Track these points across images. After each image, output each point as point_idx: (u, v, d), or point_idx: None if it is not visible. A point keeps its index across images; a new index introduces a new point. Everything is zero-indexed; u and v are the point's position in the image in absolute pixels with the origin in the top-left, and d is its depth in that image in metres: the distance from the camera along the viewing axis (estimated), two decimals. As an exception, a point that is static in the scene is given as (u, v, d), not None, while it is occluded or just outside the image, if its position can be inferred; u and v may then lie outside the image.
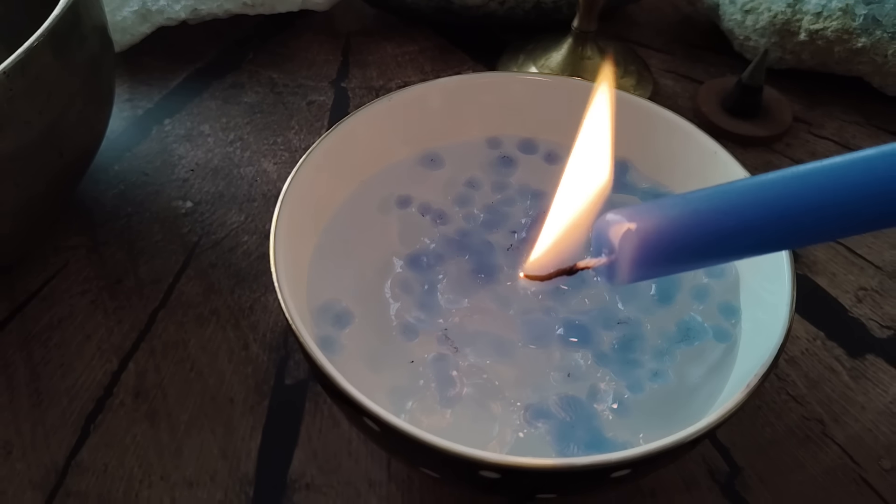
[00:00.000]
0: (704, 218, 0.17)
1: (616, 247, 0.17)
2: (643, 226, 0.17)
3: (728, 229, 0.17)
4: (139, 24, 0.38)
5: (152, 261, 0.30)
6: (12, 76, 0.22)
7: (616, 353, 0.22)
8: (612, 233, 0.17)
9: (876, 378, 0.27)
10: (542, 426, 0.20)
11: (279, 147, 0.35)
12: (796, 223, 0.17)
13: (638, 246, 0.17)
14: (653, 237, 0.17)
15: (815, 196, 0.16)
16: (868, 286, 0.30)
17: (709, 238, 0.17)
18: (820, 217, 0.16)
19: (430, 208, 0.26)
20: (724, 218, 0.17)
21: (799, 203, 0.16)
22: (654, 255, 0.17)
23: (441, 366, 0.21)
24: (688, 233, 0.17)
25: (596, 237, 0.18)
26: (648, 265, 0.17)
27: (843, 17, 0.35)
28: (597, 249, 0.18)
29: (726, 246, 0.17)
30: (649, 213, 0.17)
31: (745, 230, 0.17)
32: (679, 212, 0.17)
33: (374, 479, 0.24)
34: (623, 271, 0.17)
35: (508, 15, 0.40)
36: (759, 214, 0.17)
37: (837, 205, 0.16)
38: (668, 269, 0.18)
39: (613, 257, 0.17)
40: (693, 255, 0.18)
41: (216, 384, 0.26)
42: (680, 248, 0.17)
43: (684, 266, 0.19)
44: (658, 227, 0.17)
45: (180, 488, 0.23)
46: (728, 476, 0.24)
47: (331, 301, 0.23)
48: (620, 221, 0.17)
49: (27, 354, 0.27)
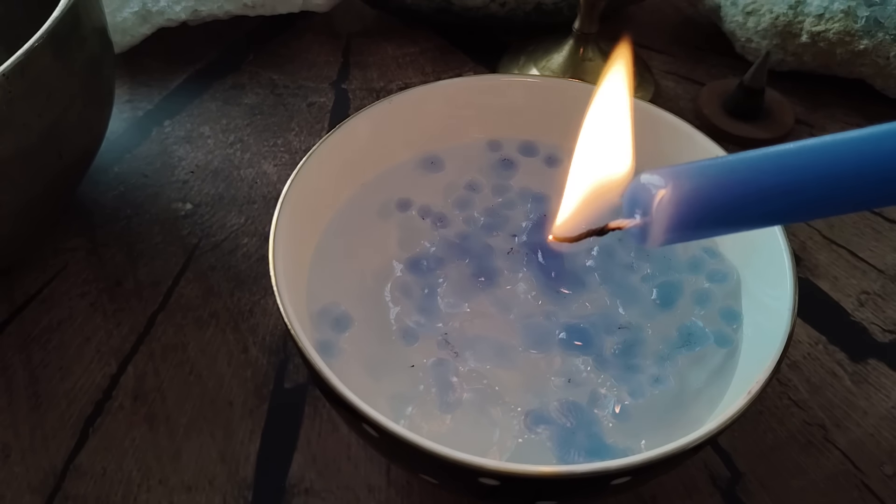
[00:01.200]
0: (741, 180, 0.16)
1: (651, 209, 0.17)
2: (679, 188, 0.16)
3: (765, 192, 0.16)
4: (139, 26, 0.38)
5: (152, 263, 0.30)
6: (12, 78, 0.22)
7: (617, 358, 0.22)
8: (646, 194, 0.17)
9: (878, 383, 0.27)
10: (543, 432, 0.20)
11: (279, 149, 0.35)
12: (833, 187, 0.16)
13: (673, 209, 0.16)
14: (688, 200, 0.16)
15: (853, 162, 0.16)
16: (870, 290, 0.30)
17: (745, 202, 0.17)
18: (857, 183, 0.16)
19: (431, 211, 0.26)
20: (763, 178, 0.16)
21: (835, 168, 0.16)
22: (688, 219, 0.17)
23: (441, 371, 0.21)
24: (723, 196, 0.16)
25: (629, 198, 0.17)
26: (682, 228, 0.17)
27: (845, 19, 0.35)
28: (629, 210, 0.17)
29: (762, 210, 0.17)
30: (685, 174, 0.17)
31: (783, 193, 0.16)
32: (715, 173, 0.17)
33: (373, 484, 0.24)
34: (656, 234, 0.17)
35: (509, 16, 0.40)
36: (796, 177, 0.16)
37: (876, 171, 0.15)
38: (701, 232, 0.18)
39: (647, 219, 0.17)
40: (728, 218, 0.17)
41: (215, 387, 0.26)
42: (715, 212, 0.17)
43: (717, 230, 0.19)
44: (693, 190, 0.16)
45: (179, 492, 0.23)
46: (729, 482, 0.24)
47: (330, 305, 0.23)
48: (655, 183, 0.17)
49: (26, 357, 0.27)
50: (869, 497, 0.24)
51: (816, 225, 0.32)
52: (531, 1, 0.39)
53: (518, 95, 0.28)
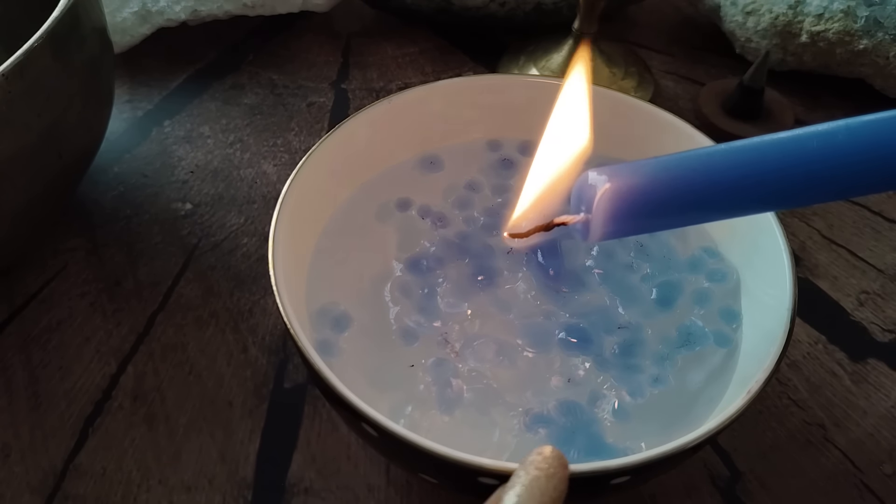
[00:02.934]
0: (673, 177, 0.17)
1: (591, 203, 0.17)
2: (617, 183, 0.17)
3: (699, 186, 0.17)
4: (139, 26, 0.38)
5: (151, 263, 0.30)
6: (11, 78, 0.22)
7: (617, 357, 0.22)
8: (587, 190, 0.18)
9: (878, 382, 0.27)
10: (543, 432, 0.20)
11: (279, 149, 0.35)
12: (762, 187, 0.17)
13: (611, 202, 0.17)
14: (626, 194, 0.17)
15: (781, 161, 0.17)
16: (870, 290, 0.30)
17: (681, 194, 0.18)
18: (782, 183, 0.17)
19: (430, 211, 0.26)
20: (692, 176, 0.17)
21: (763, 168, 0.17)
22: (626, 212, 0.18)
23: (441, 370, 0.21)
24: (657, 191, 0.17)
25: (575, 195, 0.18)
26: (621, 221, 0.18)
27: (845, 19, 0.35)
28: (575, 207, 0.18)
29: (698, 203, 0.18)
30: (625, 171, 0.18)
31: (716, 188, 0.17)
32: (651, 171, 0.18)
33: (372, 483, 0.24)
34: (596, 227, 0.18)
35: (509, 16, 0.40)
36: (729, 174, 0.17)
37: (804, 172, 0.17)
38: (639, 227, 0.19)
39: (589, 216, 0.18)
40: (663, 213, 0.18)
41: (215, 387, 0.26)
42: (650, 208, 0.18)
43: (657, 223, 0.19)
44: (632, 184, 0.17)
45: (178, 492, 0.23)
46: (729, 481, 0.24)
47: (330, 304, 0.23)
48: (596, 179, 0.18)
49: (26, 357, 0.27)
50: (869, 497, 0.24)
51: (816, 225, 0.32)
52: (531, 1, 0.39)
53: (518, 95, 0.28)
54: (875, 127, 0.16)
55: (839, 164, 0.16)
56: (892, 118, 0.16)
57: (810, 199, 0.18)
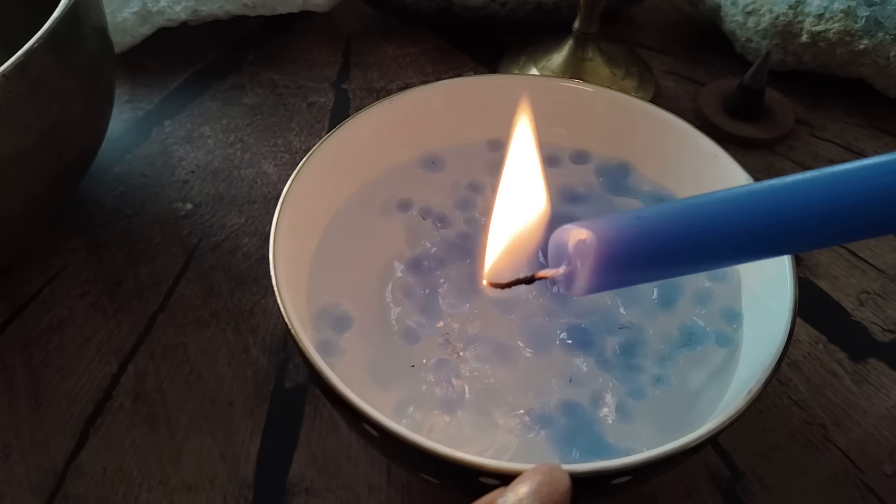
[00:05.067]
0: (657, 225, 0.17)
1: (574, 257, 0.17)
2: (600, 236, 0.17)
3: (681, 240, 0.17)
4: (139, 26, 0.38)
5: (152, 263, 0.30)
6: (12, 78, 0.22)
7: (618, 358, 0.22)
8: (569, 243, 0.18)
9: (878, 382, 0.27)
10: (544, 432, 0.20)
11: (279, 149, 0.35)
12: (742, 237, 0.17)
13: (595, 255, 0.17)
14: (610, 247, 0.17)
15: (760, 215, 0.17)
16: (870, 290, 0.30)
17: (664, 247, 0.18)
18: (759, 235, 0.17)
19: (432, 211, 0.26)
20: (676, 228, 0.17)
21: (743, 220, 0.17)
22: (610, 265, 0.17)
23: (442, 371, 0.21)
24: (644, 242, 0.17)
25: (554, 248, 0.18)
26: (606, 274, 0.18)
27: (845, 19, 0.35)
28: (555, 260, 0.18)
29: (681, 255, 0.18)
30: (605, 224, 0.18)
31: (695, 243, 0.17)
32: (633, 222, 0.18)
33: (373, 483, 0.24)
34: (581, 281, 0.18)
35: (509, 16, 0.40)
36: (707, 228, 0.17)
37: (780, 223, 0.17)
38: (626, 278, 0.19)
39: (571, 268, 0.18)
40: (650, 264, 0.18)
41: (216, 387, 0.26)
42: (636, 258, 0.18)
43: (642, 276, 0.19)
44: (614, 237, 0.17)
45: (179, 492, 0.23)
46: (730, 481, 0.24)
47: (331, 305, 0.23)
48: (577, 232, 0.17)
49: (26, 357, 0.27)
50: (869, 496, 0.24)
51: (816, 225, 0.32)
52: (531, 1, 0.39)
53: (518, 95, 0.28)
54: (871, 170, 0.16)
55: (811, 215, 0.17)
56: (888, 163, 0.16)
57: (799, 246, 0.18)
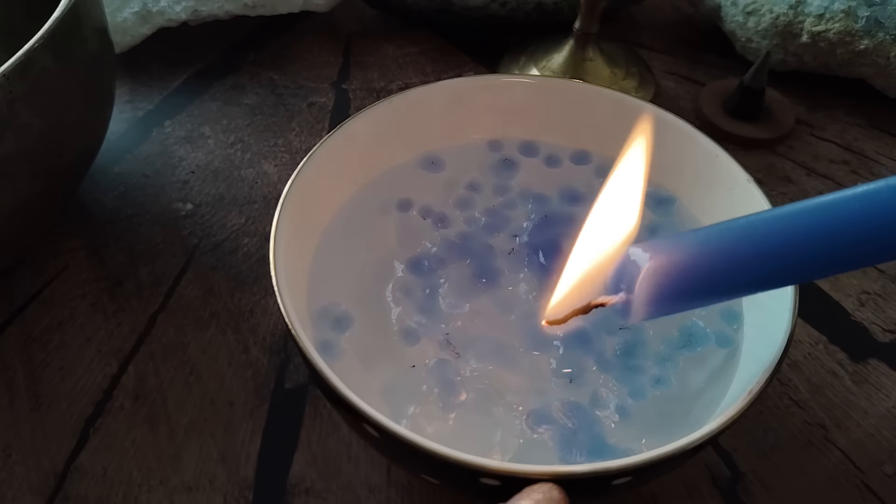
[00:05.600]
0: (718, 246, 0.17)
1: (632, 285, 0.17)
2: (659, 261, 0.17)
3: (740, 263, 0.17)
4: (140, 26, 0.38)
5: (152, 263, 0.30)
6: (12, 78, 0.22)
7: (618, 358, 0.22)
8: (629, 268, 0.17)
9: (878, 383, 0.27)
10: (545, 432, 0.20)
11: (280, 149, 0.35)
12: (806, 256, 0.17)
13: (653, 285, 0.17)
14: (668, 276, 0.17)
15: (822, 229, 0.16)
16: (871, 290, 0.30)
17: (723, 273, 0.17)
18: (829, 249, 0.16)
19: (431, 211, 0.26)
20: (738, 246, 0.17)
21: (806, 236, 0.16)
22: (668, 294, 0.17)
23: (443, 371, 0.21)
24: (702, 269, 0.17)
25: (616, 274, 0.18)
26: (663, 303, 0.17)
27: (846, 19, 0.35)
28: (614, 285, 0.18)
29: (740, 280, 0.17)
30: (666, 246, 0.17)
31: (758, 263, 0.17)
32: (693, 247, 0.17)
33: (373, 484, 0.24)
34: (638, 310, 0.17)
35: (510, 16, 0.40)
36: (771, 247, 0.17)
37: (847, 237, 0.16)
38: (683, 306, 0.19)
39: (630, 296, 0.17)
40: (707, 291, 0.18)
41: (216, 388, 0.26)
42: (694, 286, 0.17)
43: (698, 302, 0.19)
44: (672, 266, 0.17)
45: (179, 493, 0.23)
46: (730, 482, 0.24)
47: (331, 305, 0.23)
48: (638, 256, 0.17)
49: (26, 357, 0.27)
50: (869, 497, 0.24)
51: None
52: (532, 1, 0.39)
53: (518, 95, 0.28)
54: None
55: (884, 224, 0.15)
56: None
57: (858, 262, 0.17)
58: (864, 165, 0.35)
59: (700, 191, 0.25)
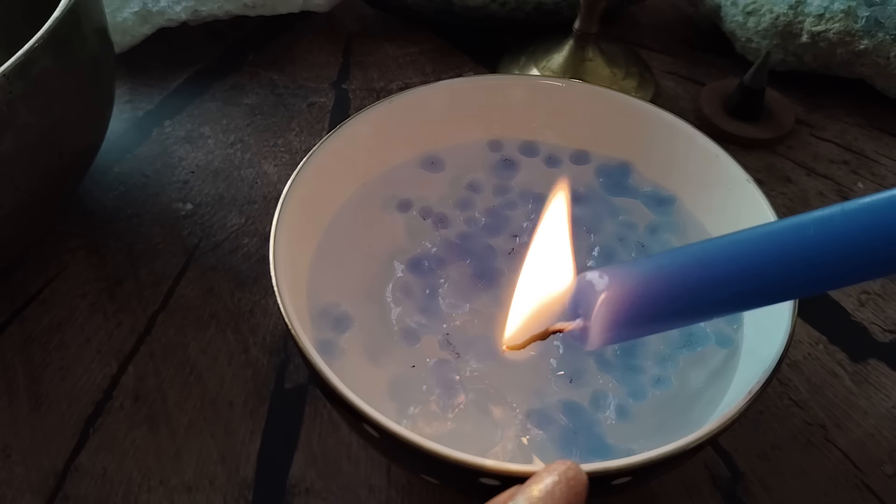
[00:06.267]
0: (673, 271, 0.17)
1: (590, 311, 0.17)
2: (615, 290, 0.17)
3: (696, 289, 0.17)
4: (139, 26, 0.38)
5: (152, 263, 0.30)
6: (12, 78, 0.22)
7: (618, 358, 0.22)
8: (586, 294, 0.17)
9: (878, 383, 0.27)
10: (545, 432, 0.20)
11: (280, 149, 0.35)
12: (760, 280, 0.17)
13: (610, 311, 0.17)
14: (625, 303, 0.17)
15: (775, 254, 0.16)
16: (870, 290, 0.30)
17: (679, 299, 0.17)
18: (784, 274, 0.16)
19: (432, 212, 0.26)
20: (692, 271, 0.17)
21: (761, 261, 0.16)
22: (625, 321, 0.17)
23: (443, 371, 0.21)
24: (659, 295, 0.17)
25: (572, 300, 0.18)
26: (620, 329, 0.18)
27: (846, 19, 0.35)
28: (572, 310, 0.18)
29: (697, 306, 0.17)
30: (622, 276, 0.17)
31: (714, 288, 0.17)
32: (649, 273, 0.17)
33: (373, 484, 0.24)
34: (595, 337, 0.17)
35: (509, 16, 0.40)
36: (725, 273, 0.17)
37: (803, 262, 0.16)
38: (639, 331, 0.19)
39: (588, 322, 0.17)
40: (664, 316, 0.18)
41: (216, 388, 0.26)
42: (651, 312, 0.17)
43: (655, 328, 0.19)
44: (629, 292, 0.17)
45: (179, 493, 0.23)
46: (730, 482, 0.24)
47: (331, 305, 0.23)
48: (596, 281, 0.17)
49: (26, 357, 0.27)
50: (869, 497, 0.24)
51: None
52: (532, 1, 0.39)
53: (518, 95, 0.28)
54: (872, 209, 0.15)
55: (838, 250, 0.16)
56: (888, 199, 0.15)
57: (814, 287, 0.17)
58: (864, 165, 0.35)
59: (700, 191, 0.25)
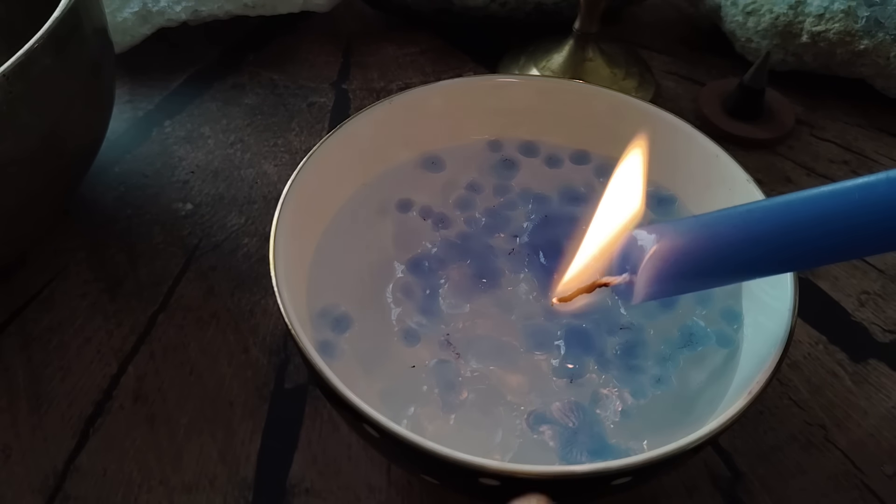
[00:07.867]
0: (718, 231, 0.17)
1: (637, 266, 0.18)
2: (663, 245, 0.17)
3: (739, 247, 0.17)
4: (140, 26, 0.38)
5: (152, 263, 0.30)
6: (12, 78, 0.22)
7: (619, 358, 0.22)
8: (635, 250, 0.18)
9: (878, 383, 0.27)
10: (546, 432, 0.20)
11: (280, 149, 0.35)
12: (804, 243, 0.17)
13: (657, 267, 0.17)
14: (671, 256, 0.17)
15: (820, 217, 0.16)
16: (871, 290, 0.30)
17: (723, 257, 0.17)
18: (827, 237, 0.16)
19: (431, 212, 0.26)
20: (737, 232, 0.17)
21: (806, 224, 0.17)
22: (670, 276, 0.18)
23: (443, 371, 0.21)
24: (704, 252, 0.17)
25: (621, 254, 0.19)
26: (664, 284, 0.18)
27: (846, 19, 0.35)
28: (620, 266, 0.18)
29: (740, 264, 0.18)
30: (671, 230, 0.18)
31: (757, 249, 0.17)
32: (696, 230, 0.18)
33: (373, 484, 0.24)
34: (640, 290, 0.18)
35: (509, 16, 0.40)
36: (770, 233, 0.17)
37: (846, 226, 0.16)
38: (683, 287, 0.19)
39: (634, 277, 0.18)
40: (707, 273, 0.18)
41: (216, 388, 0.26)
42: (696, 268, 0.18)
43: (698, 285, 0.19)
44: (676, 248, 0.17)
45: (179, 493, 0.23)
46: (730, 482, 0.24)
47: (331, 305, 0.23)
48: (645, 239, 0.18)
49: (26, 357, 0.27)
50: (869, 497, 0.24)
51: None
52: (532, 1, 0.39)
53: (518, 95, 0.28)
54: None
55: (882, 217, 0.16)
56: None
57: (856, 251, 0.17)
58: (864, 165, 0.35)
59: (700, 191, 0.25)
